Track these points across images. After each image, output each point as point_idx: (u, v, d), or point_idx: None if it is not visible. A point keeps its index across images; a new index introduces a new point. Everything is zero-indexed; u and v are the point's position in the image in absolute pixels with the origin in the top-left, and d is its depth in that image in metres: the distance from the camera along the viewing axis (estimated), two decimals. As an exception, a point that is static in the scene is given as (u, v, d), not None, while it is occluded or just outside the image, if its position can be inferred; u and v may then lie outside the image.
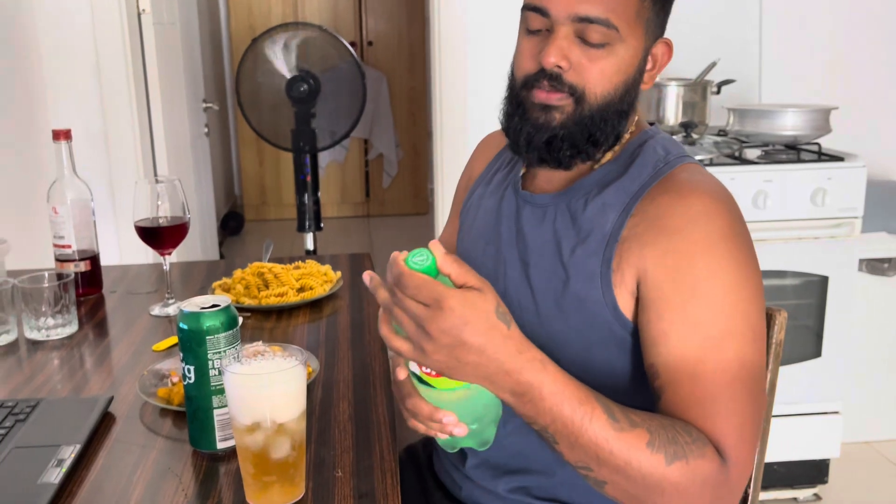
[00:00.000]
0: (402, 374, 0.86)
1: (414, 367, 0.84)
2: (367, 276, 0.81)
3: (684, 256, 0.89)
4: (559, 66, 0.94)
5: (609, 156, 1.01)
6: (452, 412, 0.83)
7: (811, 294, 2.26)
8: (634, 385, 0.97)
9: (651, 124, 1.07)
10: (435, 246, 0.77)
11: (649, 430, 0.82)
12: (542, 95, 0.96)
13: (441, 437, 0.89)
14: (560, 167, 1.00)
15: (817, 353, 2.27)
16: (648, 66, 1.00)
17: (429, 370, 0.82)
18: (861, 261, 2.33)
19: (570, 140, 0.97)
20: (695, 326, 0.87)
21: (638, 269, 0.92)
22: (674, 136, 2.00)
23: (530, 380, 0.79)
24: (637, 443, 0.81)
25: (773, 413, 1.12)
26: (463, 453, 1.10)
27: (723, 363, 0.86)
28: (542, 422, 0.81)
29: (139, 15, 2.50)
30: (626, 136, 1.02)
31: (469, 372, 0.78)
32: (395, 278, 0.76)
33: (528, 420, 0.82)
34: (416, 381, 0.85)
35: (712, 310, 0.87)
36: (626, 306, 0.94)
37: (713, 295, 0.88)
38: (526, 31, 0.98)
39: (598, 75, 0.94)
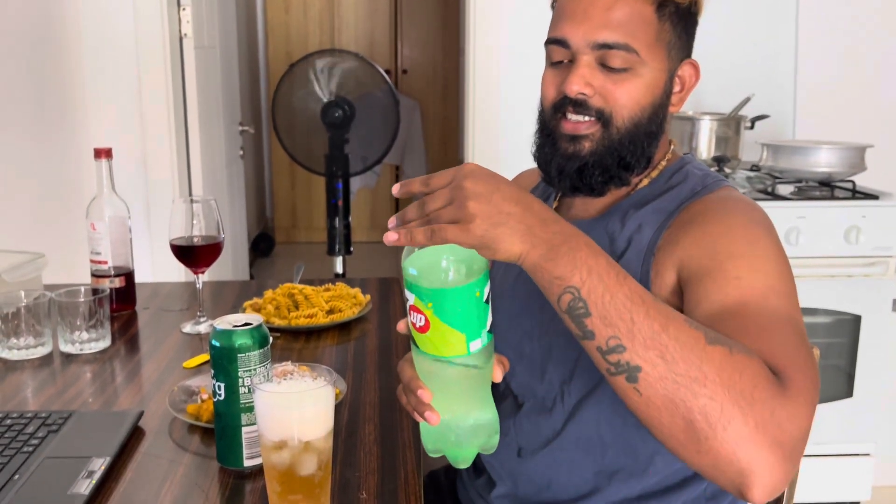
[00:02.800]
0: (402, 326, 0.85)
1: (410, 318, 0.80)
2: (396, 187, 0.79)
3: (721, 235, 0.89)
4: (583, 94, 0.96)
5: (645, 181, 1.03)
6: (430, 391, 0.81)
7: (843, 333, 2.22)
8: None
9: (685, 154, 1.08)
10: None
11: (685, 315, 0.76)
12: (569, 126, 0.98)
13: (420, 422, 0.85)
14: (593, 194, 1.01)
15: (849, 392, 2.24)
16: (676, 88, 1.01)
17: (419, 322, 0.78)
18: (895, 301, 2.29)
19: (600, 167, 0.98)
20: (736, 280, 0.84)
21: (675, 263, 0.92)
22: (706, 170, 2.00)
23: (568, 230, 0.75)
24: (674, 314, 0.74)
25: (803, 453, 1.10)
26: (491, 482, 1.10)
27: (767, 308, 0.81)
28: (579, 275, 0.73)
29: (181, 39, 2.56)
30: (663, 162, 1.03)
31: (514, 226, 0.73)
32: (423, 183, 0.76)
33: (561, 282, 0.74)
34: (411, 343, 0.82)
35: (754, 269, 0.85)
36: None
37: (755, 256, 0.86)
38: (550, 64, 1.01)
39: (624, 98, 0.96)
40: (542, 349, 1.03)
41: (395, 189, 0.78)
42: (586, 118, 0.97)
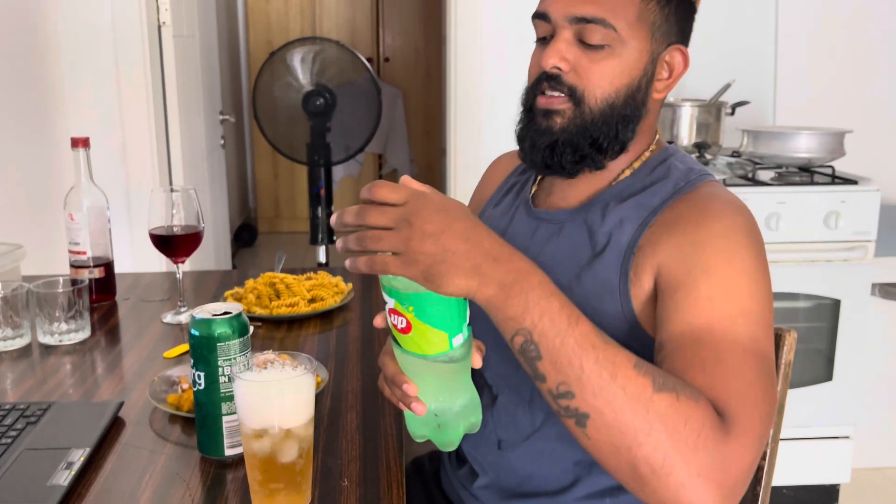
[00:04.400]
0: (379, 321, 0.85)
1: (390, 319, 0.80)
2: (333, 218, 0.76)
3: (700, 244, 0.87)
4: (558, 68, 0.95)
5: (627, 172, 1.00)
6: (415, 385, 0.82)
7: (823, 317, 2.25)
8: None
9: (669, 143, 1.06)
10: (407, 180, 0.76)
11: (636, 357, 0.76)
12: (543, 101, 0.97)
13: (405, 410, 0.85)
14: (565, 174, 1.00)
15: (828, 376, 2.26)
16: (664, 74, 0.98)
17: (400, 324, 0.78)
18: (874, 285, 2.31)
19: (571, 145, 0.96)
20: (707, 301, 0.83)
21: (654, 267, 0.90)
22: (687, 156, 2.00)
23: (521, 267, 0.75)
24: (623, 360, 0.74)
25: (783, 436, 1.11)
26: (473, 473, 1.10)
27: (732, 334, 0.81)
28: (531, 318, 0.74)
29: (159, 27, 2.54)
30: (647, 153, 1.01)
31: (459, 264, 0.72)
32: (367, 190, 0.74)
33: (513, 323, 0.74)
34: (392, 340, 0.82)
35: (727, 289, 0.84)
36: (646, 320, 0.91)
37: (728, 275, 0.84)
38: (536, 41, 1.01)
39: (597, 76, 0.94)
40: None
41: (332, 220, 0.76)
42: (559, 94, 0.95)
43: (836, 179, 2.22)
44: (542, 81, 0.97)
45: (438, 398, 0.84)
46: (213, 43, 3.34)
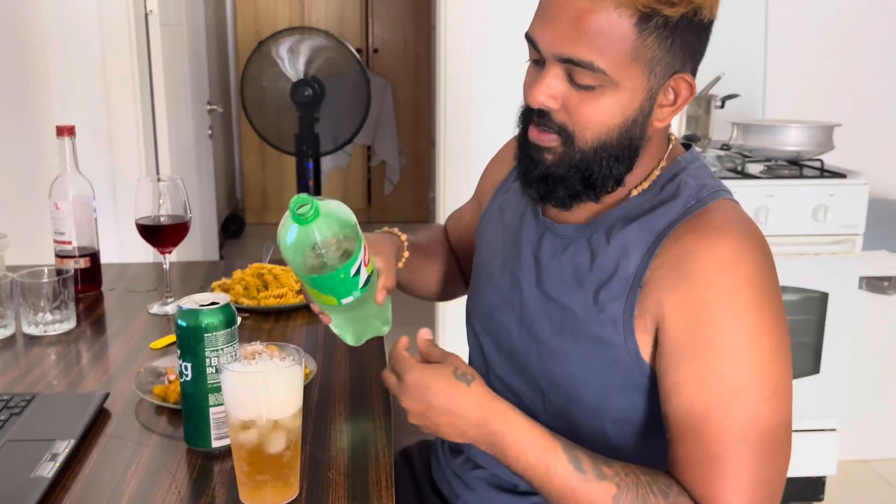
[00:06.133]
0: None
1: None
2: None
3: (704, 305, 0.84)
4: (546, 106, 0.89)
5: (636, 191, 0.95)
6: (328, 315, 1.03)
7: (811, 310, 2.25)
8: (652, 429, 0.94)
9: (687, 146, 1.01)
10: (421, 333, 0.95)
11: (618, 485, 0.84)
12: (534, 134, 0.92)
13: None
14: (562, 207, 0.96)
15: (815, 369, 2.27)
16: (666, 102, 0.91)
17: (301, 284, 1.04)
18: (861, 278, 2.33)
19: (563, 182, 0.92)
20: (706, 381, 0.84)
21: (657, 314, 0.88)
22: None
23: (495, 430, 0.87)
24: (602, 496, 0.83)
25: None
26: (468, 461, 1.09)
27: (727, 422, 0.83)
28: (516, 470, 0.88)
29: (146, 15, 2.51)
30: (657, 171, 0.96)
31: (446, 431, 0.89)
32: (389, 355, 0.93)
33: (511, 471, 0.89)
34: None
35: (726, 364, 0.84)
36: (646, 352, 0.90)
37: (729, 348, 0.84)
38: (530, 60, 0.94)
39: (587, 117, 0.88)
40: (522, 346, 1.01)
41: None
42: (548, 131, 0.90)
43: (824, 173, 2.22)
44: (532, 114, 0.92)
45: (348, 319, 1.03)
46: (200, 32, 3.31)
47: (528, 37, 0.90)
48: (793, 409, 0.86)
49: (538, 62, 0.91)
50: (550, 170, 0.92)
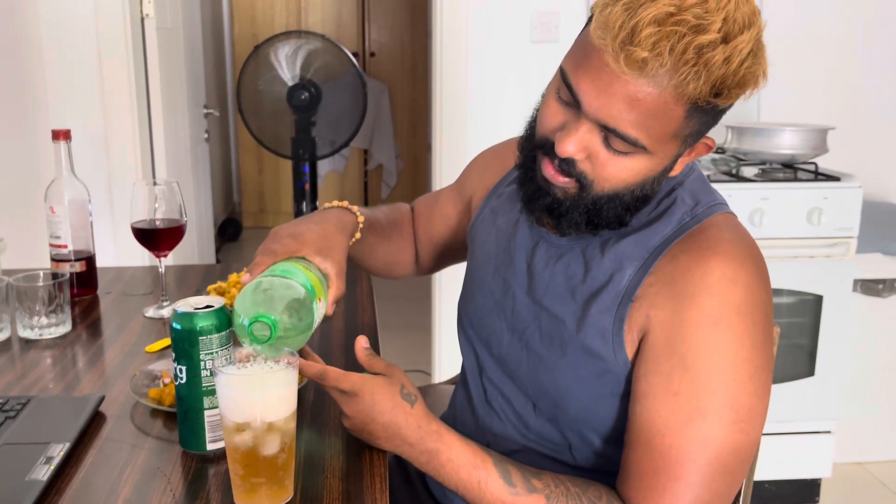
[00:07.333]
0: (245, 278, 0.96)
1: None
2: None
3: (688, 324, 0.85)
4: (574, 157, 0.87)
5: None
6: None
7: (805, 313, 2.26)
8: None
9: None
10: (357, 340, 0.96)
11: (548, 497, 0.87)
12: (550, 171, 0.90)
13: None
14: (558, 232, 0.97)
15: (810, 371, 2.28)
16: (686, 157, 0.91)
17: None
18: (856, 281, 2.33)
19: (568, 217, 0.92)
20: (673, 396, 0.85)
21: (644, 327, 0.89)
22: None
23: (429, 448, 0.90)
24: None
25: (765, 431, 1.12)
26: None
27: (680, 440, 0.84)
28: (451, 487, 0.91)
29: (142, 19, 2.52)
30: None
31: (382, 444, 0.92)
32: (318, 374, 0.91)
33: (448, 489, 0.92)
34: None
35: (697, 385, 0.84)
36: (634, 363, 0.91)
37: (702, 371, 0.85)
38: (556, 92, 0.88)
39: (610, 174, 0.87)
40: (512, 352, 1.02)
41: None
42: (567, 176, 0.88)
43: (818, 176, 2.23)
44: (552, 153, 0.88)
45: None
46: (197, 36, 3.32)
47: (567, 84, 0.85)
48: (759, 438, 0.87)
49: (568, 104, 0.87)
50: (557, 204, 0.92)
